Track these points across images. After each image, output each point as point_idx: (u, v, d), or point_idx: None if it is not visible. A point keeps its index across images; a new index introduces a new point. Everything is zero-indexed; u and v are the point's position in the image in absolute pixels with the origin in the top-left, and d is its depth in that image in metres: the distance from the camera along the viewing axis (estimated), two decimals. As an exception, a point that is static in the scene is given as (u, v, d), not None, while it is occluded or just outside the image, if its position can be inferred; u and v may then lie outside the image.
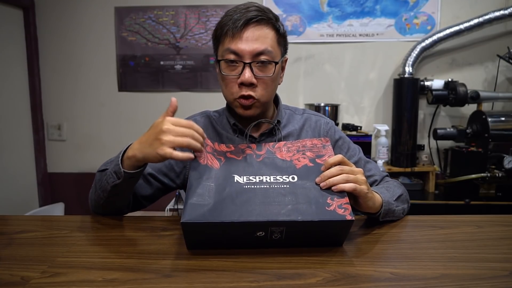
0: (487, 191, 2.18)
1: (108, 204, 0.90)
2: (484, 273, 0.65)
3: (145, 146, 0.77)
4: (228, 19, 0.91)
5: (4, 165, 2.32)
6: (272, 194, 0.74)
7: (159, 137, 0.75)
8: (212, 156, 0.81)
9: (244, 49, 0.89)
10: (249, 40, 0.90)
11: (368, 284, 0.62)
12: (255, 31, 0.90)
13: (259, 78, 0.92)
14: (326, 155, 0.82)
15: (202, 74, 2.54)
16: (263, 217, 0.68)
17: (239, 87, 0.92)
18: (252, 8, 0.91)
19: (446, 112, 2.51)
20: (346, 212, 0.71)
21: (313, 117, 1.10)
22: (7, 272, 0.65)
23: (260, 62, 0.91)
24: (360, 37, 2.47)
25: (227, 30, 0.90)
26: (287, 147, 0.85)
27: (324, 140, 0.87)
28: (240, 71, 0.91)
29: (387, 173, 1.09)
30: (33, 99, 2.55)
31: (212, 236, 0.72)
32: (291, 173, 0.78)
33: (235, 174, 0.77)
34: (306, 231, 0.72)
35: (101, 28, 2.54)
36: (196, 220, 0.68)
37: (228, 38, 0.91)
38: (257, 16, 0.90)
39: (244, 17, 0.89)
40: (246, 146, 0.85)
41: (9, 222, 0.94)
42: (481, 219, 0.93)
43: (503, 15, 2.21)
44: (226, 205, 0.71)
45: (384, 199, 0.86)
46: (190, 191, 0.74)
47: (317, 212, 0.70)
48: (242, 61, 0.90)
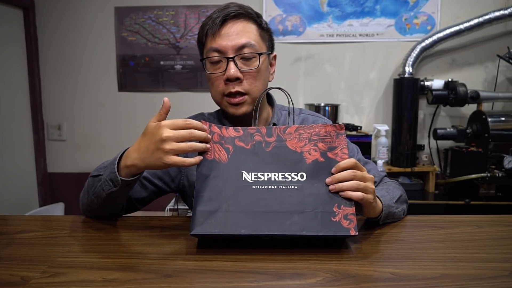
0: (487, 191, 2.18)
1: (102, 209, 0.88)
2: (484, 273, 0.65)
3: (146, 156, 0.76)
4: (208, 20, 0.92)
5: (4, 165, 2.32)
6: (279, 197, 0.74)
7: (161, 147, 0.73)
8: (220, 146, 0.78)
9: (226, 44, 0.90)
10: (229, 35, 0.90)
11: (368, 284, 0.62)
12: (234, 26, 0.91)
13: (245, 72, 0.92)
14: (338, 148, 0.78)
15: (202, 74, 2.53)
16: (269, 231, 0.71)
17: (225, 84, 0.92)
18: (231, 5, 0.93)
19: (446, 112, 2.51)
20: (350, 225, 0.71)
21: (310, 117, 1.09)
22: (7, 272, 0.65)
23: (243, 55, 0.91)
24: (360, 37, 2.47)
25: (207, 30, 0.91)
26: (299, 133, 0.79)
27: (338, 127, 0.80)
28: (224, 67, 0.91)
29: (385, 173, 1.09)
30: (33, 99, 2.55)
31: (220, 239, 0.76)
32: (300, 170, 0.76)
33: (243, 170, 0.76)
34: (309, 240, 0.75)
35: (101, 28, 2.54)
36: (205, 233, 0.71)
37: (209, 38, 0.92)
38: (235, 11, 0.91)
39: (222, 14, 0.90)
40: (255, 131, 0.80)
41: (9, 222, 0.94)
42: (481, 219, 0.93)
43: (503, 15, 2.21)
44: (234, 214, 0.72)
45: (385, 202, 0.86)
46: (198, 195, 0.74)
47: (321, 223, 0.71)
48: (224, 56, 0.90)
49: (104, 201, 0.85)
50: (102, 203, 0.86)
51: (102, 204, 0.86)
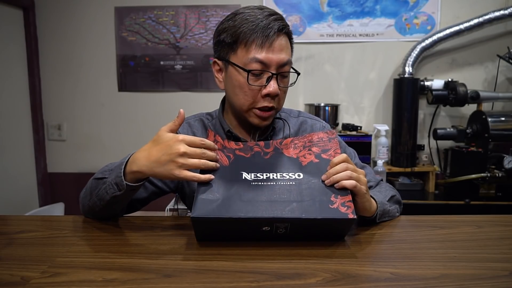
0: (487, 191, 2.18)
1: (104, 211, 0.88)
2: (484, 273, 0.65)
3: (156, 165, 0.76)
4: (253, 25, 0.86)
5: (4, 165, 2.32)
6: (278, 191, 0.76)
7: (176, 160, 0.74)
8: (222, 153, 0.82)
9: (273, 59, 0.87)
10: (277, 51, 0.87)
11: (368, 284, 0.62)
12: (281, 40, 0.88)
13: (280, 89, 0.90)
14: (331, 149, 0.84)
15: (202, 74, 2.54)
16: (269, 214, 0.71)
17: (263, 97, 0.90)
18: (277, 16, 0.89)
19: (446, 112, 2.51)
20: (348, 210, 0.73)
21: (309, 120, 1.08)
22: (7, 272, 0.65)
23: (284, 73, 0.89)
24: (360, 37, 2.47)
25: (255, 37, 0.85)
26: (294, 143, 0.86)
27: (330, 133, 0.87)
28: (264, 81, 0.88)
29: (381, 178, 1.10)
30: (33, 99, 2.55)
31: (220, 229, 0.75)
32: (297, 170, 0.80)
33: (243, 171, 0.80)
34: (309, 227, 0.74)
35: (101, 28, 2.54)
36: (205, 215, 0.71)
37: (255, 47, 0.86)
38: (285, 26, 0.88)
39: (274, 26, 0.86)
40: (254, 144, 0.86)
41: (9, 222, 0.94)
42: (481, 219, 0.93)
43: (503, 15, 2.21)
44: (234, 202, 0.73)
45: (378, 200, 0.87)
46: (201, 187, 0.76)
47: (320, 209, 0.72)
48: (269, 71, 0.88)
49: (107, 203, 0.85)
50: (105, 205, 0.85)
51: (105, 207, 0.86)
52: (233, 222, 0.72)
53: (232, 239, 0.76)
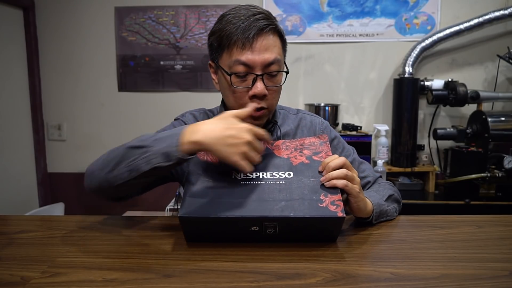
0: (487, 191, 2.18)
1: (124, 186, 0.79)
2: (484, 273, 0.65)
3: (219, 142, 0.73)
4: (235, 28, 0.86)
5: (4, 165, 2.32)
6: (267, 190, 0.76)
7: (240, 146, 0.73)
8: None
9: (256, 60, 0.86)
10: (260, 51, 0.86)
11: (368, 284, 0.62)
12: (264, 40, 0.87)
13: (269, 88, 0.90)
14: (323, 152, 0.84)
15: (202, 74, 2.54)
16: (257, 213, 0.71)
17: (251, 99, 0.89)
18: (259, 16, 0.87)
19: (446, 112, 2.51)
20: (338, 209, 0.72)
21: (308, 117, 1.09)
22: (7, 272, 0.65)
23: (270, 73, 0.88)
24: (360, 37, 2.47)
25: (236, 40, 0.85)
26: (285, 145, 0.87)
27: (322, 137, 0.88)
28: (250, 83, 0.88)
29: (380, 174, 1.10)
30: (33, 99, 2.55)
31: (209, 229, 0.75)
32: (288, 169, 0.81)
33: (233, 170, 0.80)
34: (298, 226, 0.74)
35: (101, 28, 2.54)
36: (193, 215, 0.71)
37: (237, 49, 0.86)
38: (268, 25, 0.87)
39: (254, 27, 0.85)
40: None
41: (9, 222, 0.94)
42: (481, 219, 0.93)
43: (503, 15, 2.21)
44: (223, 201, 0.73)
45: (374, 201, 0.87)
46: (189, 186, 0.76)
47: (309, 208, 0.72)
48: (253, 73, 0.87)
49: (139, 176, 0.77)
50: (134, 178, 0.77)
51: (130, 180, 0.78)
52: (221, 221, 0.71)
53: (221, 240, 0.75)
